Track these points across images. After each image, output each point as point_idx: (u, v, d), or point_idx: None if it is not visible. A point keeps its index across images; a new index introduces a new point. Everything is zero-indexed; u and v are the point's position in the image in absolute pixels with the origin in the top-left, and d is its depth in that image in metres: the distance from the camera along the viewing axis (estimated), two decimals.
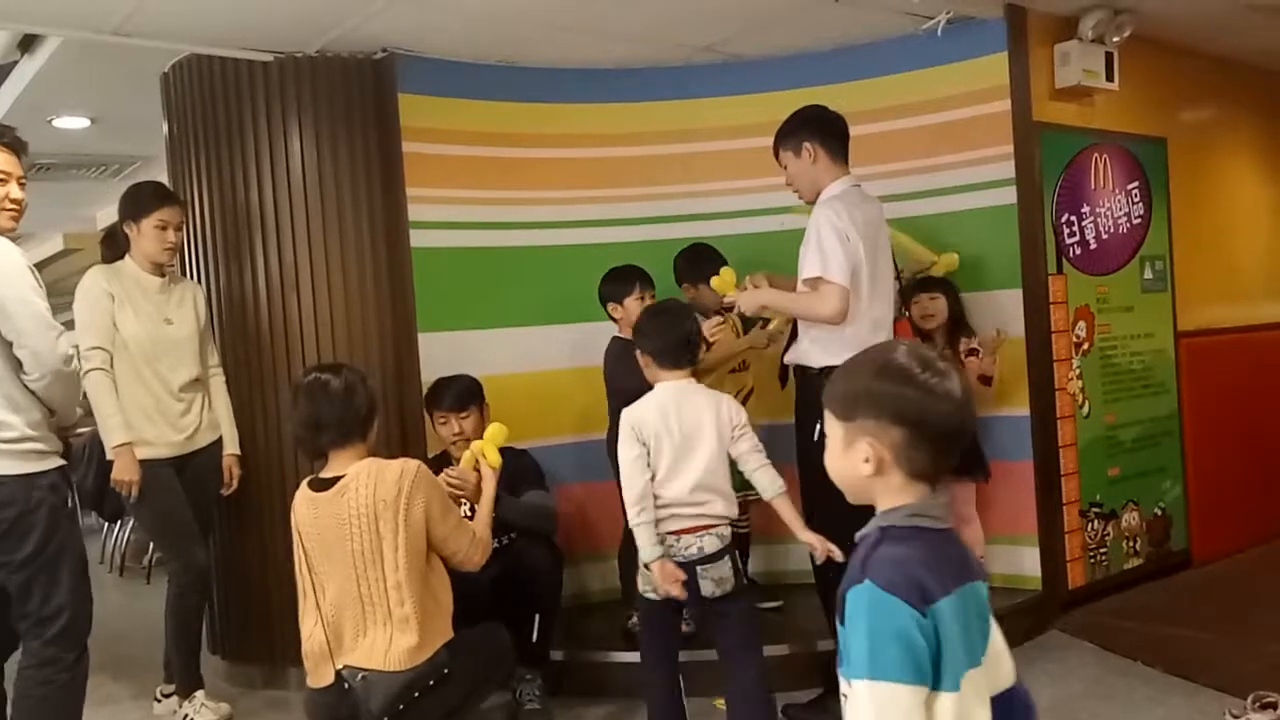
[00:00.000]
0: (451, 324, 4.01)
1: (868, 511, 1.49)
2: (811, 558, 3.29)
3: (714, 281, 3.47)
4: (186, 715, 3.56)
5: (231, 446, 3.75)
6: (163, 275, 3.64)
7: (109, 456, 3.43)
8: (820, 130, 3.21)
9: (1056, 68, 4.10)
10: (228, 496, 3.75)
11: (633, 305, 3.69)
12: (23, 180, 2.80)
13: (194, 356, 3.64)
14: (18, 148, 2.82)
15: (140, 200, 3.59)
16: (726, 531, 2.81)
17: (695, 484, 2.80)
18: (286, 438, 3.71)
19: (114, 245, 3.64)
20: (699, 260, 3.83)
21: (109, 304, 3.49)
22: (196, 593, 3.61)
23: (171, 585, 3.60)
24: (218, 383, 3.77)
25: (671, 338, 2.90)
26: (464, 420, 3.52)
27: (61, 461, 2.81)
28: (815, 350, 3.19)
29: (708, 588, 2.79)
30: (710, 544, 2.78)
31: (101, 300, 3.49)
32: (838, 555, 2.70)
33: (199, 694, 3.56)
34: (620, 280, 3.76)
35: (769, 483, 2.85)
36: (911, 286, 3.89)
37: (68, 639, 2.73)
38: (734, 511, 2.86)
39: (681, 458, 2.81)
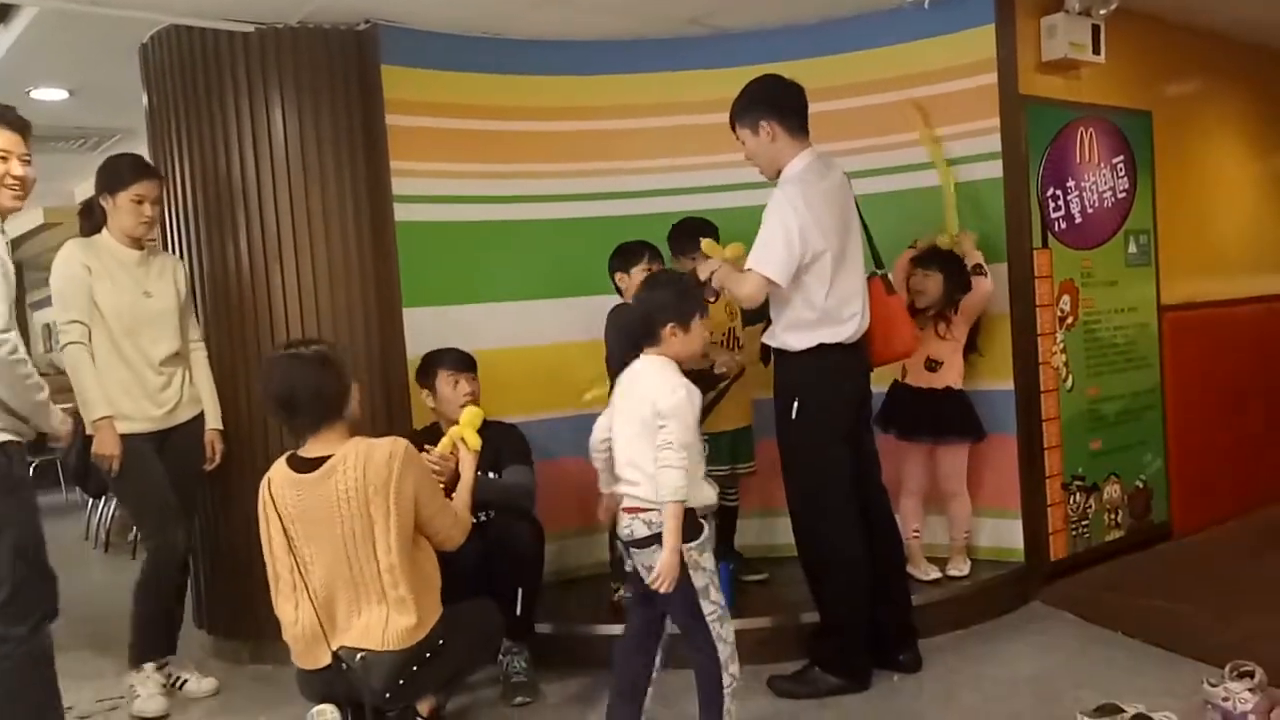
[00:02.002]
0: (437, 299, 4.00)
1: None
2: (795, 532, 3.33)
3: (703, 246, 3.47)
4: (173, 677, 3.57)
5: (214, 421, 3.72)
6: (141, 248, 3.59)
7: (88, 431, 3.40)
8: (777, 106, 3.19)
9: (1043, 40, 4.09)
10: (213, 471, 3.73)
11: (639, 276, 3.69)
12: (25, 158, 2.81)
13: (174, 330, 3.61)
14: (19, 126, 2.81)
15: (117, 173, 3.54)
16: (656, 519, 2.61)
17: (623, 460, 2.71)
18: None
19: (91, 218, 3.59)
20: (691, 233, 3.84)
21: (86, 277, 3.45)
22: (177, 571, 3.59)
23: (148, 563, 3.56)
24: (199, 357, 3.74)
25: (635, 314, 2.81)
26: (473, 382, 3.55)
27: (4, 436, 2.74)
28: (790, 336, 3.21)
29: (642, 572, 2.68)
30: (638, 529, 2.65)
31: (78, 274, 3.45)
32: (667, 588, 2.57)
33: (148, 665, 3.53)
34: (631, 252, 3.77)
35: (658, 488, 2.59)
36: (913, 260, 3.90)
37: (10, 614, 2.66)
38: (659, 491, 2.59)
39: (620, 431, 2.74)
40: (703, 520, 2.67)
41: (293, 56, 3.80)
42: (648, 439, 2.62)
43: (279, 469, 2.76)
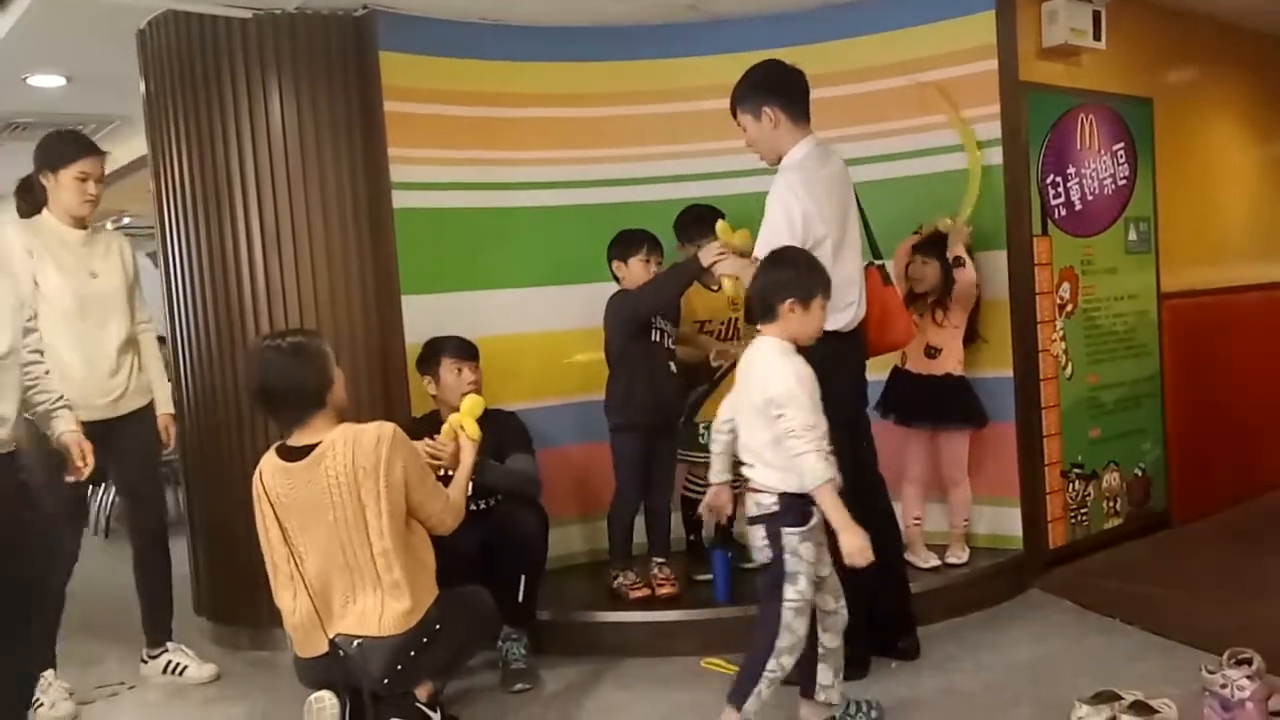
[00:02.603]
0: (435, 286, 3.99)
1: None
2: None
3: (718, 228, 3.46)
4: (173, 663, 3.56)
5: (166, 405, 3.65)
6: (84, 227, 3.48)
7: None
8: (780, 92, 3.17)
9: (1044, 26, 4.07)
10: (210, 459, 3.74)
11: (636, 266, 3.71)
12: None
13: (123, 312, 3.51)
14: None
15: (59, 150, 3.41)
16: (765, 500, 2.67)
17: (743, 440, 2.76)
18: None
19: (30, 198, 3.46)
20: (697, 221, 3.83)
21: (27, 261, 3.33)
22: (157, 551, 3.59)
23: (132, 548, 3.59)
24: (148, 339, 3.64)
25: (753, 290, 2.80)
26: (476, 370, 3.54)
27: None
28: None
29: (759, 547, 2.74)
30: (750, 508, 2.72)
31: (18, 258, 3.32)
32: (865, 561, 2.61)
33: (48, 674, 3.36)
34: (630, 241, 3.76)
35: (801, 477, 2.62)
36: (914, 247, 3.90)
37: None
38: (780, 484, 2.66)
39: (741, 412, 2.78)
40: (812, 508, 2.66)
41: (290, 42, 3.78)
42: (761, 423, 2.68)
43: (269, 459, 2.76)
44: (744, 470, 2.77)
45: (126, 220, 8.38)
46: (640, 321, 3.70)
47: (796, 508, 2.65)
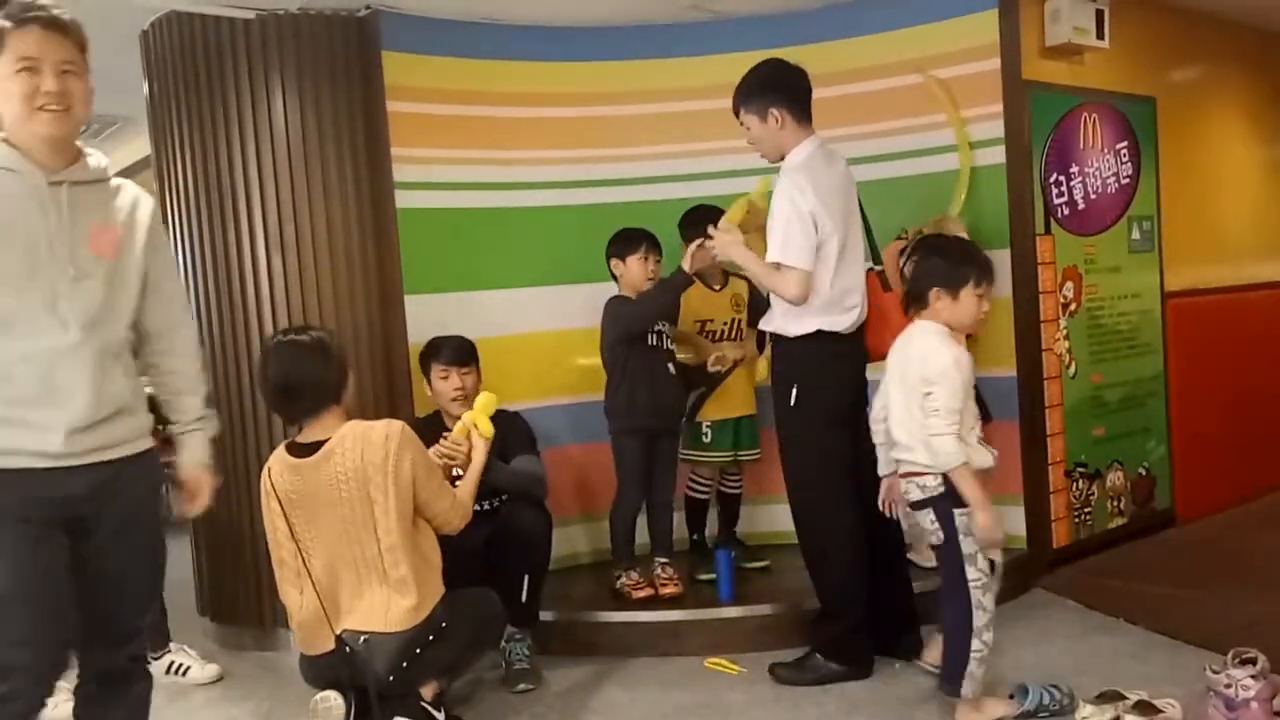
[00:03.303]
0: (438, 286, 3.99)
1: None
2: (795, 519, 3.33)
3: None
4: (176, 664, 3.56)
5: None
6: None
7: None
8: (785, 92, 3.17)
9: (1047, 25, 4.07)
10: (215, 459, 3.71)
11: (634, 264, 3.72)
12: (66, 66, 2.21)
13: None
14: (56, 26, 2.23)
15: None
16: (930, 483, 2.76)
17: (896, 426, 2.84)
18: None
19: None
20: (703, 221, 3.83)
21: None
22: None
23: None
24: None
25: (909, 279, 2.95)
26: (465, 376, 3.52)
27: None
28: (789, 320, 3.20)
29: (929, 530, 2.84)
30: (913, 493, 2.81)
31: None
32: (996, 542, 2.79)
33: (171, 644, 3.57)
34: (628, 239, 3.76)
35: (934, 457, 2.73)
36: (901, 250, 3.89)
37: None
38: (936, 461, 2.73)
39: (893, 399, 2.86)
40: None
41: (294, 43, 3.79)
42: (917, 403, 2.74)
43: (278, 456, 2.78)
44: (898, 454, 2.84)
45: None
46: (638, 332, 3.70)
47: (972, 473, 2.73)
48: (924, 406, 2.72)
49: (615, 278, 3.80)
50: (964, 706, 2.84)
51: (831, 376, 3.23)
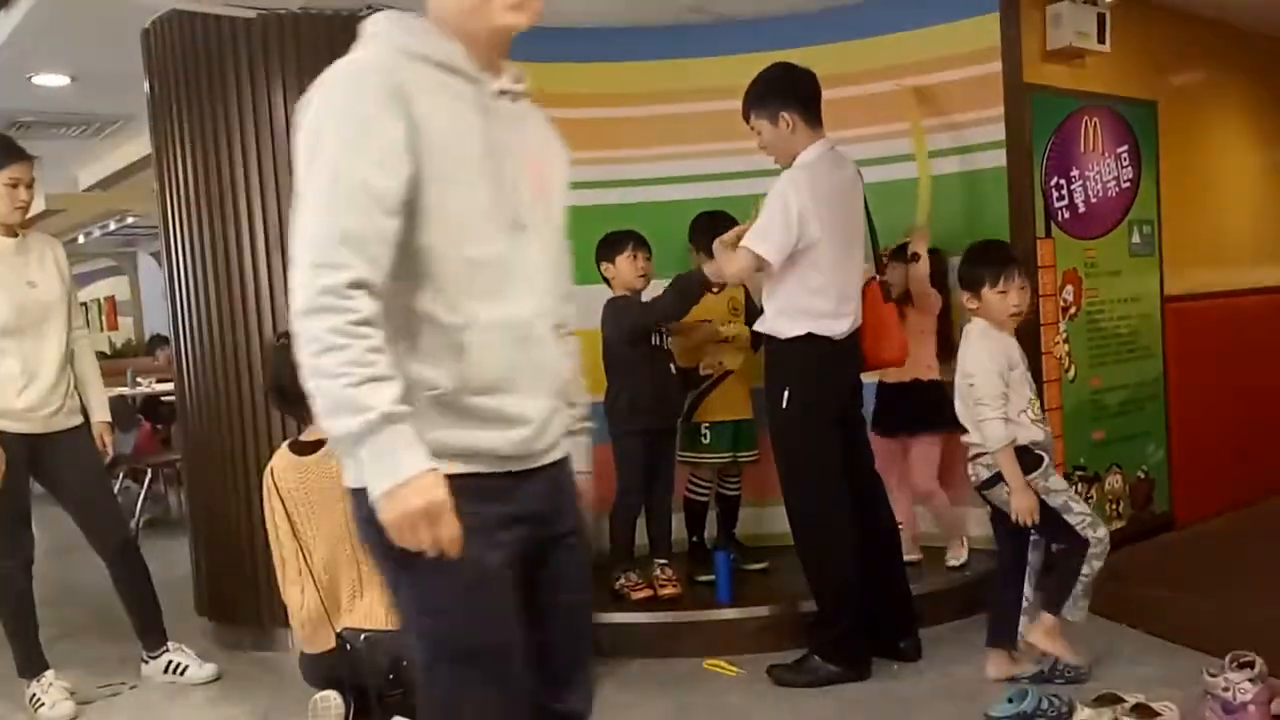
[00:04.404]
0: None
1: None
2: (790, 522, 3.32)
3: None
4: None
5: (102, 413, 3.58)
6: (15, 235, 3.40)
7: None
8: (796, 96, 3.18)
9: (1048, 29, 4.07)
10: (216, 459, 3.74)
11: (624, 264, 3.72)
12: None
13: (62, 321, 3.43)
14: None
15: None
16: (991, 461, 3.04)
17: (960, 414, 3.15)
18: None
19: None
20: (712, 227, 3.81)
21: None
22: (130, 562, 3.55)
23: (106, 565, 3.53)
24: (83, 346, 3.57)
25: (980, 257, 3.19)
26: None
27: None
28: (781, 321, 3.20)
29: (1001, 507, 3.12)
30: (981, 472, 3.10)
31: None
32: (1032, 520, 3.02)
33: (47, 674, 3.41)
34: (614, 241, 3.77)
35: (984, 440, 3.05)
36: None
37: None
38: (984, 443, 3.05)
39: (958, 390, 3.17)
40: (1040, 453, 3.07)
41: (295, 42, 3.78)
42: (966, 392, 3.09)
43: (282, 455, 2.79)
44: (968, 440, 3.11)
45: (130, 220, 8.40)
46: (643, 332, 3.70)
47: (1023, 460, 3.02)
48: (969, 396, 3.06)
49: (607, 281, 3.80)
50: (1047, 629, 3.08)
51: (823, 377, 3.23)
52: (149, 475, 6.28)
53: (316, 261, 1.44)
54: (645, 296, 3.79)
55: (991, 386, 3.01)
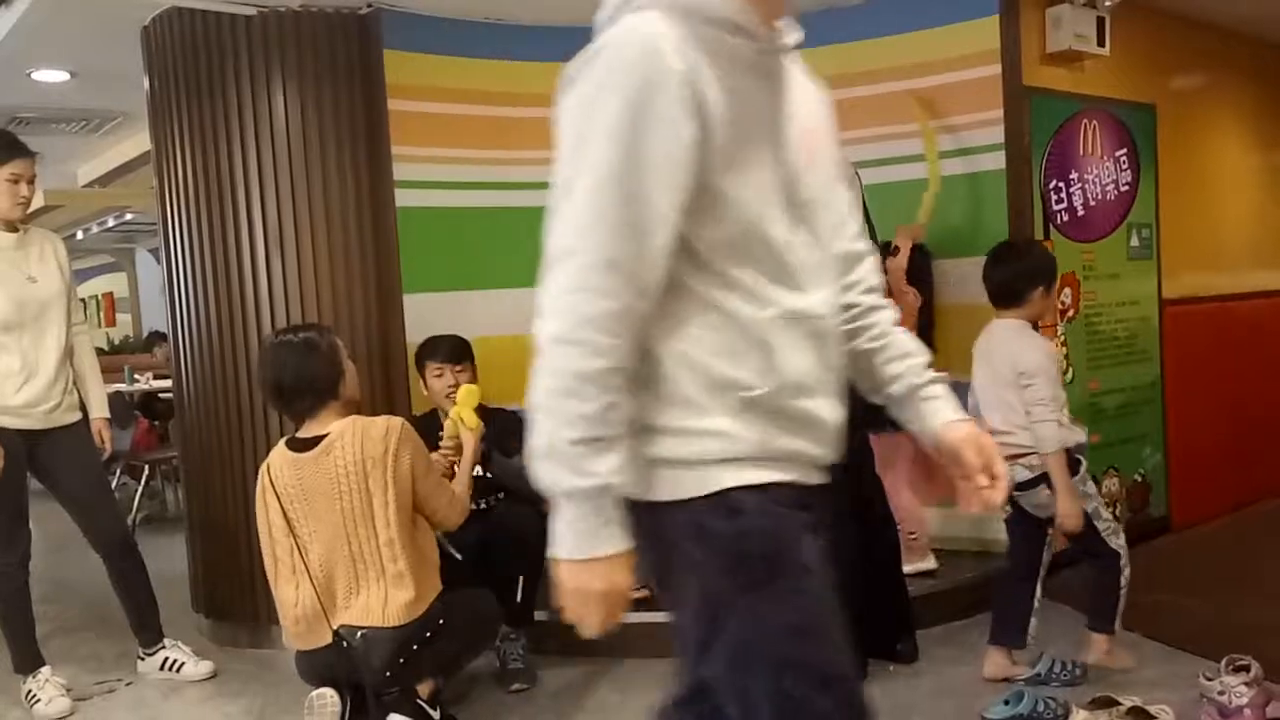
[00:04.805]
0: (438, 285, 3.99)
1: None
2: None
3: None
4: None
5: (100, 409, 3.58)
6: (16, 230, 3.41)
7: None
8: None
9: (1048, 32, 4.08)
10: (212, 455, 3.73)
11: None
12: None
13: (61, 317, 3.43)
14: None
15: None
16: (1035, 461, 2.98)
17: (994, 415, 3.03)
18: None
19: None
20: None
21: None
22: (127, 559, 3.56)
23: (103, 561, 3.53)
24: (82, 341, 3.57)
25: (998, 279, 3.13)
26: (459, 374, 3.53)
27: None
28: None
29: (1030, 510, 3.09)
30: (1020, 473, 2.99)
31: None
32: (1077, 526, 3.00)
33: (43, 670, 3.42)
34: None
35: (1038, 442, 2.98)
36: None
37: None
38: (1039, 445, 2.97)
39: (984, 391, 3.08)
40: (1078, 457, 3.04)
41: (295, 40, 3.79)
42: (1016, 392, 2.98)
43: (278, 452, 2.79)
44: (1000, 439, 2.88)
45: (129, 217, 8.39)
46: None
47: (1067, 459, 2.98)
48: (1025, 397, 2.96)
49: None
50: (1107, 648, 3.14)
51: None
52: (146, 472, 6.28)
53: (581, 285, 1.32)
54: None
55: (1052, 387, 2.99)
